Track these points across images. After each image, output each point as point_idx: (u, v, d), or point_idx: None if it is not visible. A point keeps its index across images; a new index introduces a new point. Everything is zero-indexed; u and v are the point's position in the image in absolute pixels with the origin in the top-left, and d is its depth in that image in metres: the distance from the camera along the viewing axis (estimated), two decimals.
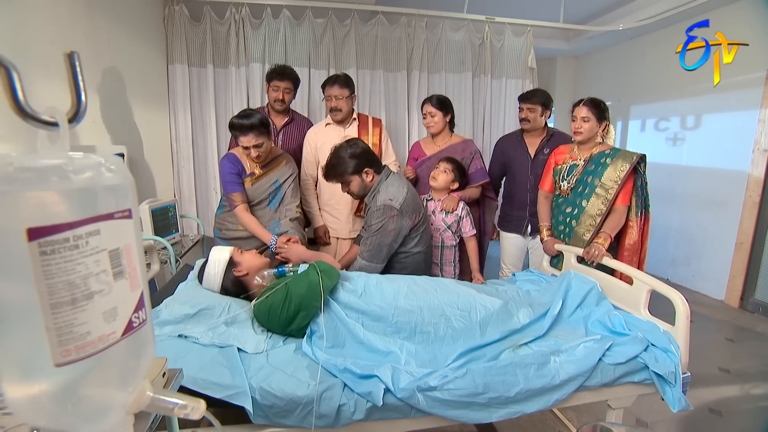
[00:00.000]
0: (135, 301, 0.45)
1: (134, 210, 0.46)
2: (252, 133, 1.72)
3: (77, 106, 0.46)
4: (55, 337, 0.38)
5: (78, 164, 0.40)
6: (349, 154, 1.71)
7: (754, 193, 2.99)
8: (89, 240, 0.39)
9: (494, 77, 3.52)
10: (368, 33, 3.26)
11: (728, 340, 2.65)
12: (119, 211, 0.43)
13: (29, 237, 0.35)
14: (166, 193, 2.95)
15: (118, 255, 0.43)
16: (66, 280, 0.38)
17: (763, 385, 2.13)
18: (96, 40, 2.05)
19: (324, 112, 3.25)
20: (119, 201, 0.43)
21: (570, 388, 1.21)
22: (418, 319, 1.37)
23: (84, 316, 0.39)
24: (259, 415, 1.05)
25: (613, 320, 1.43)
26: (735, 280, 3.13)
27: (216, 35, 2.98)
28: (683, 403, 1.24)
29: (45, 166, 0.37)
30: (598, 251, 1.68)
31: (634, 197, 1.82)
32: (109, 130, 2.15)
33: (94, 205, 0.40)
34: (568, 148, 1.99)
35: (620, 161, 1.78)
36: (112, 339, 0.42)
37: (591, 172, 1.84)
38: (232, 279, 1.39)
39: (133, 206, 0.46)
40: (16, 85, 0.40)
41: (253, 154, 1.76)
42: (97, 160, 0.42)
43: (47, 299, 0.37)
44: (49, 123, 0.41)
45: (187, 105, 2.99)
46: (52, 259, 0.37)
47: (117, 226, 0.42)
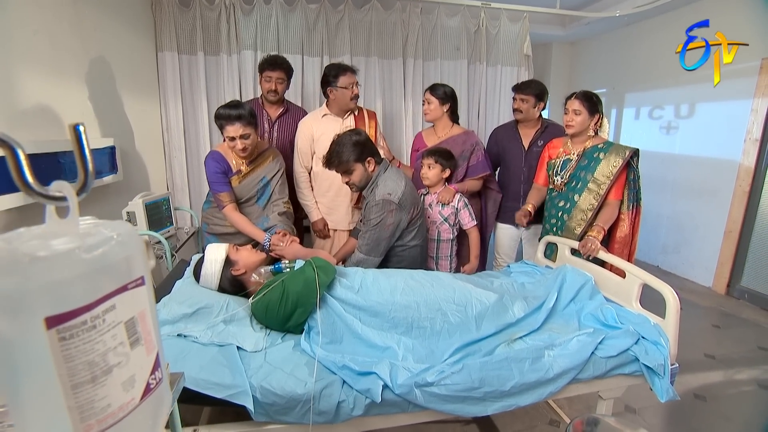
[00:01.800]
0: (151, 363, 0.46)
1: (146, 275, 0.45)
2: (239, 122, 1.67)
3: (85, 177, 0.45)
4: (77, 415, 0.38)
5: (90, 243, 0.39)
6: (354, 141, 1.69)
7: (744, 183, 3.04)
8: (106, 317, 0.39)
9: (490, 64, 3.49)
10: (362, 19, 3.19)
11: (714, 326, 2.72)
12: (132, 281, 0.43)
13: (48, 326, 0.35)
14: (159, 185, 2.92)
15: (134, 324, 0.43)
16: (86, 361, 0.38)
17: (746, 371, 2.21)
18: (82, 29, 1.98)
19: (319, 101, 3.21)
20: (132, 271, 0.43)
21: (563, 381, 1.24)
22: (414, 315, 1.39)
23: (104, 390, 0.39)
24: (260, 413, 1.07)
25: (606, 313, 1.46)
26: (723, 268, 3.20)
27: (206, 21, 2.90)
28: (671, 393, 1.28)
29: (58, 253, 0.36)
30: (594, 245, 1.70)
31: (626, 191, 1.83)
32: (99, 123, 2.10)
33: (108, 281, 0.40)
34: (561, 141, 1.99)
35: (613, 156, 1.79)
36: (132, 405, 0.43)
37: (584, 167, 1.85)
38: (229, 278, 1.39)
39: (145, 272, 0.45)
40: (23, 163, 0.39)
41: (239, 146, 1.69)
42: (108, 235, 0.41)
43: (68, 381, 0.37)
44: (58, 198, 0.40)
45: (177, 94, 2.92)
46: (71, 344, 0.37)
47: (131, 296, 0.43)
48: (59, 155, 1.69)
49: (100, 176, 2.00)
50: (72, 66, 1.91)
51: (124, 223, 0.45)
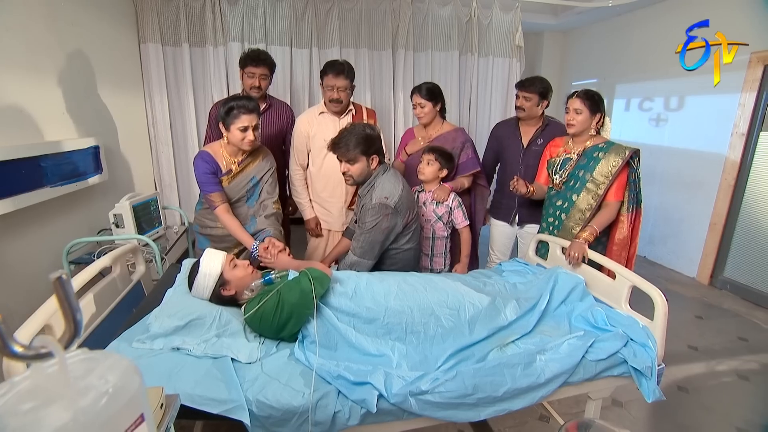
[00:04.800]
0: None
1: (146, 411, 0.43)
2: (254, 113, 1.67)
3: (74, 328, 0.42)
4: None
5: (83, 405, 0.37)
6: (366, 134, 1.67)
7: (729, 176, 3.09)
8: None
9: (481, 55, 3.45)
10: (352, 9, 3.11)
11: (698, 317, 2.80)
12: (132, 424, 0.41)
13: None
14: (146, 182, 2.86)
15: None
16: None
17: (727, 362, 2.29)
18: (57, 23, 1.90)
19: (308, 94, 3.15)
20: (131, 413, 0.41)
21: (554, 385, 1.27)
22: (408, 320, 1.40)
23: None
24: (257, 426, 1.07)
25: (596, 316, 1.49)
26: (707, 259, 3.28)
27: (190, 11, 2.80)
28: (657, 394, 1.32)
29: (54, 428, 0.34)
30: (578, 252, 1.70)
31: (627, 192, 1.81)
32: (80, 122, 2.03)
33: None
34: (563, 140, 1.97)
35: (613, 156, 1.77)
36: None
37: (583, 166, 1.84)
38: (220, 295, 1.37)
39: (144, 408, 0.43)
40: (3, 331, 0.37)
41: (250, 136, 1.68)
42: (103, 389, 0.38)
43: None
44: (43, 356, 0.38)
45: (162, 87, 2.84)
46: None
47: None
48: (40, 159, 1.64)
49: (84, 178, 1.95)
50: (48, 63, 1.83)
51: (117, 360, 0.42)
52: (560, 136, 2.02)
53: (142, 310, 1.38)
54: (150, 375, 1.08)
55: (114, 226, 1.94)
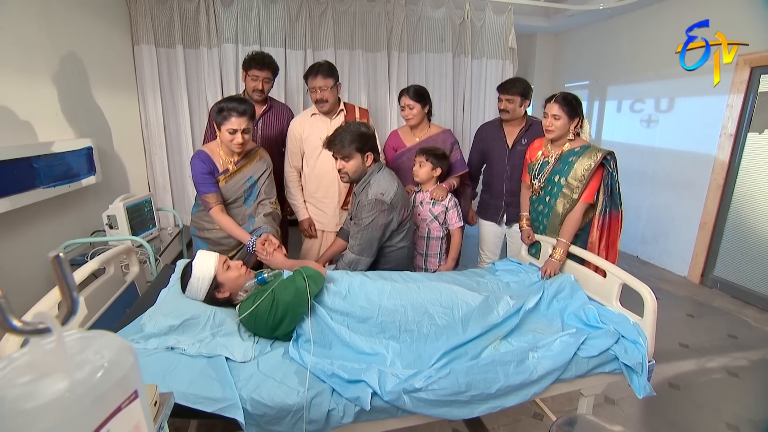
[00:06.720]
0: None
1: (140, 388, 0.44)
2: (245, 116, 1.67)
3: (71, 305, 0.43)
4: None
5: (80, 377, 0.37)
6: (361, 132, 1.69)
7: (718, 176, 3.13)
8: None
9: (474, 57, 3.47)
10: (346, 11, 3.13)
11: (689, 315, 2.84)
12: (126, 399, 0.41)
13: None
14: (140, 184, 2.85)
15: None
16: None
17: (717, 358, 2.32)
18: (50, 24, 1.89)
19: (302, 95, 3.16)
20: (125, 389, 0.42)
21: (547, 381, 1.29)
22: (402, 318, 1.41)
23: None
24: (251, 424, 1.08)
25: (588, 313, 1.51)
26: (697, 258, 3.33)
27: (184, 13, 2.80)
28: (648, 390, 1.35)
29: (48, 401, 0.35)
30: (552, 270, 1.75)
31: (599, 194, 1.79)
32: (74, 123, 2.03)
33: (101, 410, 0.39)
34: (542, 142, 1.98)
35: (586, 159, 1.76)
36: None
37: (559, 171, 1.84)
38: (214, 297, 1.38)
39: (138, 385, 0.44)
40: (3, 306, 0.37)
41: (238, 139, 1.68)
42: (99, 363, 0.39)
43: None
44: (42, 331, 0.38)
45: (156, 88, 2.83)
46: None
47: (126, 414, 0.41)
48: (32, 160, 1.63)
49: (78, 179, 1.94)
50: (41, 64, 1.83)
51: (112, 338, 0.43)
52: (542, 137, 2.04)
53: (136, 311, 1.38)
54: (144, 374, 1.07)
55: (108, 227, 1.93)
